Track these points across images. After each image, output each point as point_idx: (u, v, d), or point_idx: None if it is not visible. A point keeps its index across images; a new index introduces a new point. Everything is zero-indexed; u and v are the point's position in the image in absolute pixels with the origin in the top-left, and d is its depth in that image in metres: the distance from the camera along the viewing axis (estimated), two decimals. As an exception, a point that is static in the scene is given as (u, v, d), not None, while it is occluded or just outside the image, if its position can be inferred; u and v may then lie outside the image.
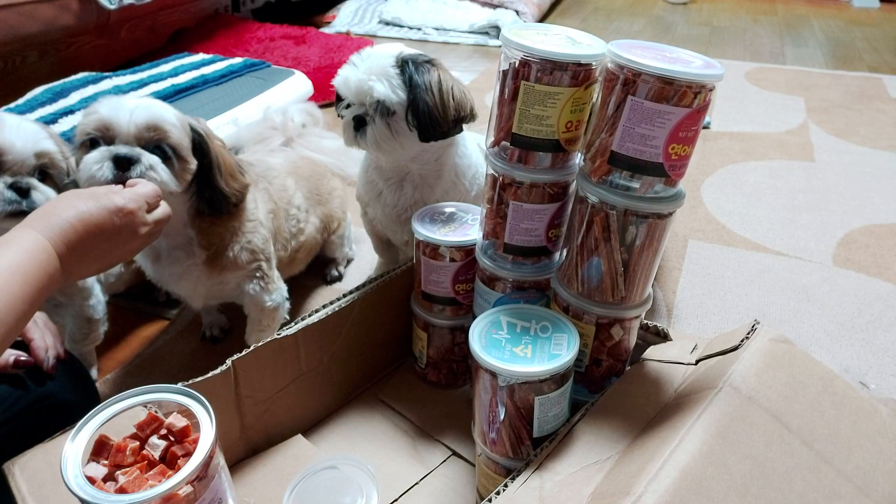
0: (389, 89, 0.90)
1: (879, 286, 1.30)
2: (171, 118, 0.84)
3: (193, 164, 0.86)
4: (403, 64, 0.92)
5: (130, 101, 0.82)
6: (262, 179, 1.03)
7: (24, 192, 0.82)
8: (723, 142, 1.97)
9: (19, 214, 0.81)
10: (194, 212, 0.91)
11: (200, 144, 0.87)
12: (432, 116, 0.92)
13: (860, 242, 1.46)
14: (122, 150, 0.79)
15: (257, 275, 0.98)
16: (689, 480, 0.54)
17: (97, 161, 0.79)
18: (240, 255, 0.94)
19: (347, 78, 0.93)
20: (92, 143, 0.81)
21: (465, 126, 0.99)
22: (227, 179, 0.90)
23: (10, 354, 0.74)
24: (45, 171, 0.86)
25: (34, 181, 0.83)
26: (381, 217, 1.09)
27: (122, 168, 0.79)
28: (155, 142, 0.81)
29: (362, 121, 0.93)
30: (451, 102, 0.93)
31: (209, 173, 0.88)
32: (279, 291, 1.03)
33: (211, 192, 0.89)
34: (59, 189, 0.87)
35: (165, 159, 0.82)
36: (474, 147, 1.08)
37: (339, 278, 1.32)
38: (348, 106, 0.95)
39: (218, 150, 0.89)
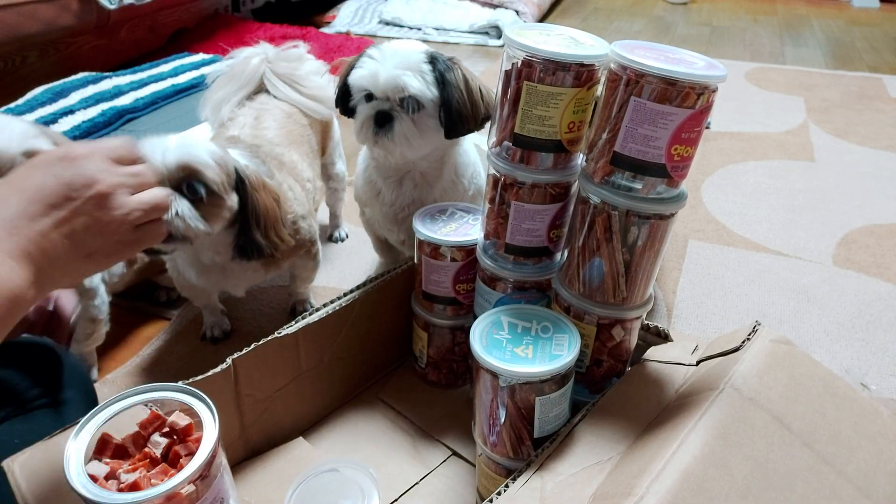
0: (424, 85, 0.90)
1: (879, 286, 1.31)
2: (205, 157, 0.83)
3: (231, 202, 0.86)
4: (433, 60, 0.92)
5: (167, 141, 0.82)
6: (274, 160, 1.04)
7: None
8: (723, 142, 1.97)
9: None
10: None
11: (242, 188, 0.87)
12: (462, 114, 0.92)
13: (860, 242, 1.46)
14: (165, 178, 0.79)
15: (305, 252, 1.05)
16: (691, 481, 0.54)
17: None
18: (293, 251, 1.00)
19: (376, 72, 0.91)
20: None
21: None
22: (268, 231, 0.91)
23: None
24: None
25: None
26: (379, 216, 1.09)
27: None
28: (187, 181, 0.81)
29: (387, 116, 0.92)
30: (479, 100, 0.94)
31: (244, 221, 0.88)
32: (317, 246, 1.09)
33: (244, 239, 0.90)
34: None
35: (197, 199, 0.82)
36: (471, 146, 1.09)
37: (344, 238, 1.44)
38: (366, 101, 0.94)
39: (261, 200, 0.89)
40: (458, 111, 0.92)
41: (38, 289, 0.52)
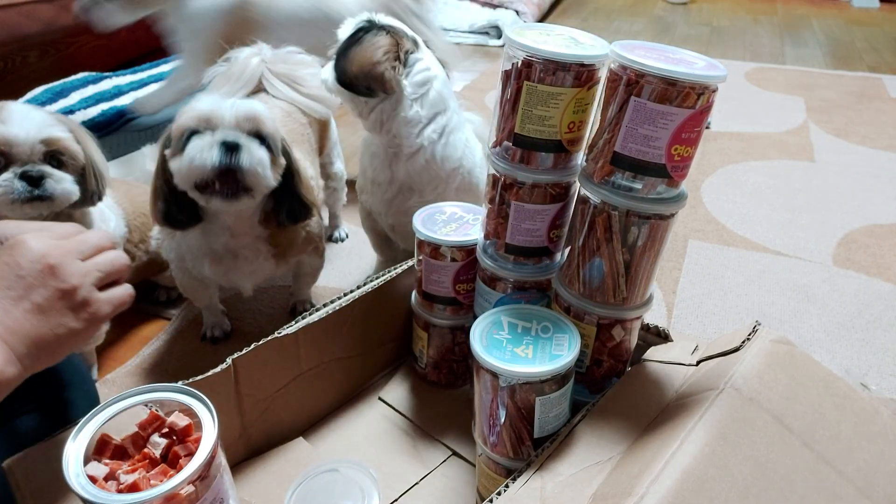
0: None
1: (879, 286, 1.31)
2: (267, 113, 0.85)
3: (283, 162, 0.87)
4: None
5: (228, 101, 0.84)
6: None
7: (35, 180, 0.82)
8: (723, 142, 1.97)
9: (35, 200, 0.82)
10: (264, 217, 0.94)
11: (284, 149, 0.88)
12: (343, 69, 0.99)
13: (860, 242, 1.46)
14: (229, 135, 0.79)
15: (313, 249, 1.06)
16: (691, 481, 0.54)
17: (203, 147, 0.78)
18: (303, 245, 1.01)
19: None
20: (193, 135, 0.82)
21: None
22: (305, 191, 0.93)
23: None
24: (59, 157, 0.85)
25: (47, 168, 0.83)
26: (371, 199, 1.13)
27: (231, 150, 0.80)
28: (254, 132, 0.81)
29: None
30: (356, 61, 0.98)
31: (291, 181, 0.89)
32: (324, 244, 1.10)
33: (291, 201, 0.90)
34: (78, 173, 0.87)
35: (266, 145, 0.84)
36: (473, 142, 1.09)
37: (344, 238, 1.44)
38: None
39: (297, 159, 0.91)
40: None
41: (20, 367, 0.53)
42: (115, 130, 1.92)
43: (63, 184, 0.84)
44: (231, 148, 0.80)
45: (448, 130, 1.06)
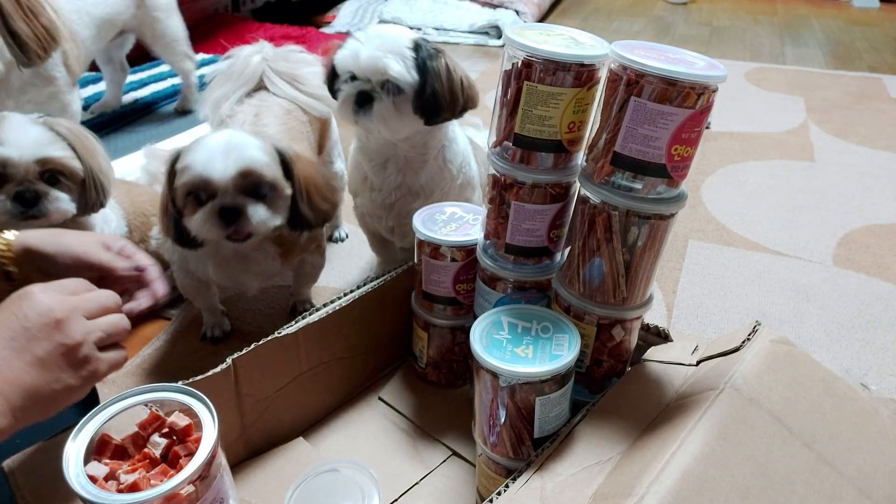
0: (405, 69, 0.91)
1: (879, 286, 1.31)
2: (261, 157, 0.85)
3: (288, 190, 0.88)
4: (417, 47, 0.93)
5: (221, 150, 0.83)
6: None
7: (28, 201, 0.82)
8: (723, 142, 1.97)
9: (30, 219, 0.83)
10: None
11: (287, 169, 0.88)
12: (440, 102, 0.93)
13: (860, 242, 1.46)
14: (227, 201, 0.82)
15: (315, 247, 1.06)
16: (691, 482, 0.54)
17: (205, 219, 0.83)
18: (307, 243, 1.02)
19: (358, 52, 0.92)
20: (196, 198, 0.84)
21: (468, 113, 1.01)
22: (316, 201, 0.92)
23: (129, 264, 0.72)
24: (56, 175, 0.85)
25: (42, 187, 0.83)
26: (368, 203, 1.11)
27: (230, 220, 0.84)
28: (252, 185, 0.84)
29: (368, 97, 0.93)
30: (459, 91, 0.95)
31: (293, 198, 0.90)
32: (325, 243, 1.10)
33: (293, 214, 0.91)
34: (77, 186, 0.88)
35: (264, 198, 0.85)
36: (461, 135, 1.09)
37: (344, 238, 1.44)
38: (351, 81, 0.95)
39: (305, 173, 0.90)
40: (436, 98, 0.93)
41: (12, 420, 0.53)
42: (116, 131, 1.93)
43: (57, 203, 0.85)
44: (231, 215, 0.83)
45: (452, 132, 1.06)
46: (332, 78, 0.98)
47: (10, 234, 0.69)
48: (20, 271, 0.70)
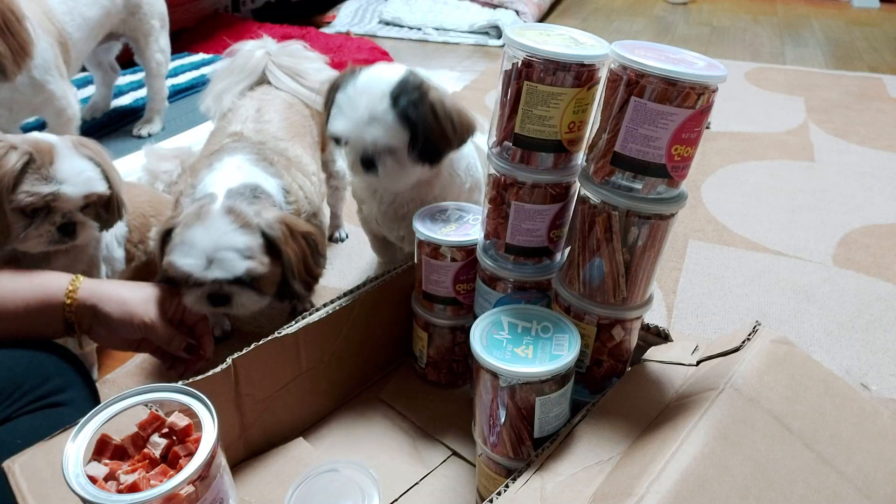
0: (386, 135, 0.90)
1: (879, 286, 1.31)
2: (245, 264, 0.84)
3: (275, 272, 0.88)
4: (399, 96, 0.89)
5: (205, 255, 0.83)
6: (280, 157, 1.03)
7: (71, 232, 0.88)
8: (723, 142, 1.97)
9: (61, 243, 0.89)
10: None
11: (274, 248, 0.87)
12: (435, 145, 0.92)
13: (860, 242, 1.46)
14: (214, 289, 0.84)
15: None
16: (691, 482, 0.54)
17: (195, 301, 0.85)
18: (303, 288, 0.99)
19: (344, 129, 0.92)
20: (185, 281, 0.86)
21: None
22: (301, 277, 0.91)
23: (183, 340, 0.83)
24: (92, 205, 0.91)
25: (81, 217, 0.89)
26: (378, 214, 1.09)
27: (220, 304, 0.85)
28: (237, 282, 0.85)
29: (370, 162, 0.93)
30: (450, 127, 0.92)
31: (284, 275, 0.89)
32: (326, 244, 1.07)
33: (282, 290, 0.91)
34: (104, 208, 0.92)
35: (250, 283, 0.86)
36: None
37: (344, 238, 1.44)
38: (346, 145, 0.95)
39: (291, 251, 0.89)
40: (431, 143, 0.91)
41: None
42: (115, 131, 1.92)
43: (90, 230, 0.90)
44: (220, 300, 0.85)
45: None
46: (338, 140, 0.97)
47: (77, 283, 0.79)
48: (84, 322, 0.79)
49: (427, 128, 0.90)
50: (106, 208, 0.93)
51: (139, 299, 0.82)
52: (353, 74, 0.93)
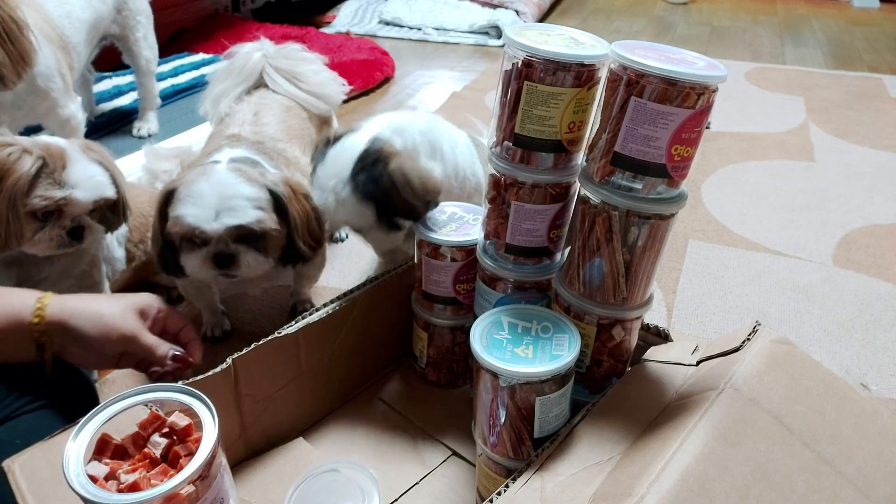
0: (352, 218, 0.93)
1: (879, 286, 1.31)
2: (253, 212, 0.84)
3: (280, 230, 0.88)
4: (356, 176, 0.88)
5: (213, 205, 0.83)
6: (279, 157, 1.03)
7: (80, 236, 0.88)
8: (723, 142, 1.97)
9: (68, 247, 0.89)
10: None
11: (281, 207, 0.88)
12: (401, 213, 0.91)
13: (860, 242, 1.46)
14: (220, 248, 0.84)
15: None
16: (691, 482, 0.54)
17: (200, 263, 0.85)
18: (308, 250, 1.00)
19: (326, 214, 0.94)
20: (190, 241, 0.86)
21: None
22: (305, 237, 0.92)
23: (168, 348, 0.78)
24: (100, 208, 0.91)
25: (89, 221, 0.89)
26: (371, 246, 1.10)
27: (225, 265, 0.85)
28: (244, 235, 0.85)
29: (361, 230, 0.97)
30: (410, 195, 0.88)
31: (289, 235, 0.90)
32: (325, 244, 1.08)
33: (287, 251, 0.91)
34: (111, 220, 0.93)
35: (258, 241, 0.86)
36: (463, 141, 1.07)
37: (344, 238, 1.41)
38: None
39: (296, 209, 0.90)
40: (395, 212, 0.91)
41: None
42: (115, 131, 1.92)
43: (96, 234, 0.91)
44: (225, 260, 0.85)
45: (455, 147, 1.05)
46: None
47: (45, 300, 0.73)
48: (55, 342, 0.73)
49: (388, 201, 0.89)
50: (112, 211, 0.93)
51: (116, 311, 0.75)
52: (323, 154, 0.93)
